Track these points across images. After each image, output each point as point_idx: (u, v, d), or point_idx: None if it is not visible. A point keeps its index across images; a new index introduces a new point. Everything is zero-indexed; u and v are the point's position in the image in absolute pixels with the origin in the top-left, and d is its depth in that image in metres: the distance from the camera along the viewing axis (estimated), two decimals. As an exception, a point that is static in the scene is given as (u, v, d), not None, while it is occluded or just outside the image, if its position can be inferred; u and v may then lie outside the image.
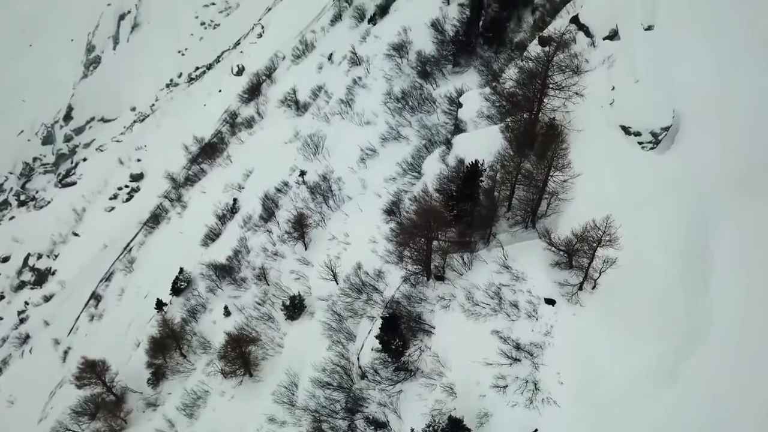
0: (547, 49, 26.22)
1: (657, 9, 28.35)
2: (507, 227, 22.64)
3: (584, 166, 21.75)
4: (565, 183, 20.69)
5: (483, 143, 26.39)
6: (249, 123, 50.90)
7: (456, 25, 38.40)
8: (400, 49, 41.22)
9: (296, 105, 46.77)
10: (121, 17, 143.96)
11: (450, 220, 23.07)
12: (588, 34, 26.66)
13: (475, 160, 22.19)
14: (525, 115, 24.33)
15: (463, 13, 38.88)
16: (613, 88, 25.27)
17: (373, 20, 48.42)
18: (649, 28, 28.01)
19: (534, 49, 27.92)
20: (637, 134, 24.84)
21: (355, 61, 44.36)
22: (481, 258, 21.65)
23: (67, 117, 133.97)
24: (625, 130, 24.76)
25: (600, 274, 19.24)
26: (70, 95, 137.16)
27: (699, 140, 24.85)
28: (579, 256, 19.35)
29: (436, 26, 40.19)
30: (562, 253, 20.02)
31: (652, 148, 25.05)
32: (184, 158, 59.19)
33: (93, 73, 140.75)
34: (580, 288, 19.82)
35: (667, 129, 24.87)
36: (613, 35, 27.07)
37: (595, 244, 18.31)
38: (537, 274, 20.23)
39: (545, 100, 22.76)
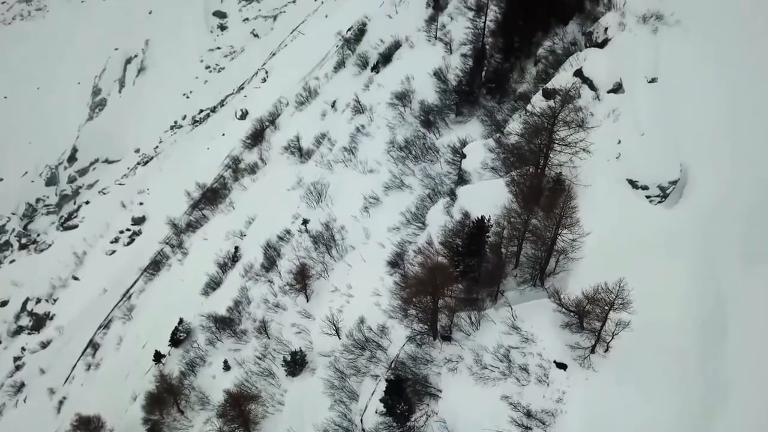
0: (551, 102, 26.22)
1: (659, 61, 28.47)
2: (515, 285, 22.07)
3: (593, 223, 21.31)
4: (574, 242, 20.21)
5: (488, 196, 26.03)
6: (252, 169, 50.91)
7: (459, 75, 38.65)
8: (402, 97, 41.38)
9: (299, 152, 46.79)
10: (128, 61, 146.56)
11: (456, 276, 22.55)
12: (592, 87, 26.66)
13: (482, 216, 21.80)
14: (530, 169, 24.09)
15: (466, 63, 39.21)
16: (619, 141, 25.09)
17: (376, 68, 48.90)
18: (653, 80, 28.09)
19: (538, 101, 27.92)
20: (645, 188, 24.53)
21: (359, 109, 44.57)
22: (489, 318, 21.00)
23: (72, 158, 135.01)
24: (633, 184, 24.48)
25: (612, 337, 18.58)
26: (75, 137, 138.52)
27: (708, 194, 24.53)
28: (590, 318, 18.72)
29: (439, 75, 40.43)
30: (572, 314, 19.39)
31: (660, 202, 24.72)
32: (186, 203, 59.11)
33: (98, 115, 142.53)
34: (593, 351, 19.12)
35: (674, 183, 24.58)
36: (617, 88, 27.08)
37: (607, 308, 17.71)
38: (547, 335, 19.55)
39: (551, 155, 22.52)
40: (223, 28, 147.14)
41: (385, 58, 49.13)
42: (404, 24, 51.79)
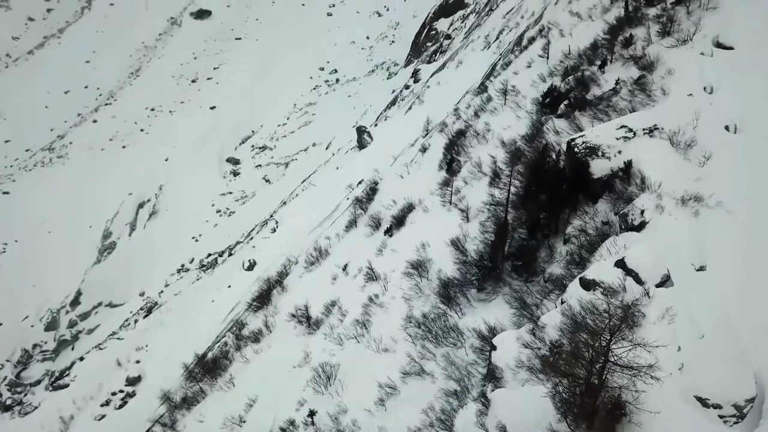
0: (595, 297, 23.34)
1: (706, 247, 25.94)
2: None
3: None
4: None
5: (528, 408, 22.13)
6: (256, 337, 47.29)
7: (479, 247, 36.42)
8: (419, 267, 38.97)
9: (307, 321, 43.53)
10: (141, 205, 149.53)
11: None
12: (638, 280, 23.76)
13: (530, 457, 17.87)
14: (580, 384, 20.45)
15: (485, 234, 37.20)
16: (679, 348, 21.70)
17: (389, 231, 47.20)
18: (701, 268, 25.36)
19: (576, 291, 25.01)
20: (717, 407, 20.64)
21: (372, 276, 42.05)
22: None
23: (75, 302, 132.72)
24: (703, 402, 20.56)
25: None
26: (81, 280, 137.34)
27: (792, 413, 20.61)
28: None
29: (457, 245, 38.26)
30: None
31: (736, 423, 20.70)
32: (183, 370, 54.91)
33: (106, 258, 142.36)
34: None
35: (751, 401, 20.78)
36: (665, 281, 24.18)
37: None
38: None
39: (606, 376, 19.05)
40: (235, 174, 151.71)
41: (398, 221, 47.64)
42: (416, 185, 51.12)
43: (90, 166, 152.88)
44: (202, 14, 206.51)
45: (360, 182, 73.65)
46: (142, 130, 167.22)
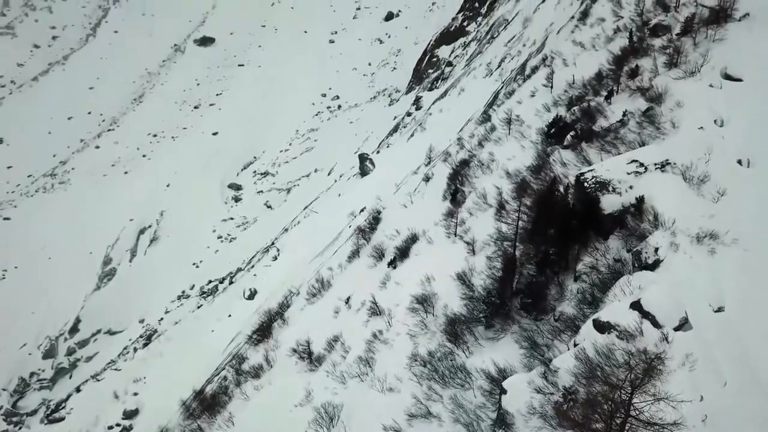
0: (612, 341, 22.41)
1: (723, 287, 24.99)
2: None
3: None
4: None
5: (543, 461, 21.12)
6: (256, 372, 46.00)
7: (486, 282, 35.41)
8: (424, 301, 37.92)
9: (309, 357, 42.28)
10: (141, 231, 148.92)
11: None
12: (655, 323, 22.83)
13: None
14: (598, 437, 19.37)
15: (492, 268, 36.25)
16: (702, 398, 20.69)
17: (393, 263, 46.25)
18: (720, 309, 24.41)
19: (589, 333, 24.05)
20: (745, 461, 19.60)
21: (375, 311, 40.98)
22: None
23: (74, 329, 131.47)
24: (729, 457, 19.61)
25: None
26: (80, 307, 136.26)
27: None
28: None
29: (463, 279, 37.29)
30: None
31: (765, 479, 19.61)
32: (181, 406, 53.47)
33: (106, 285, 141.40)
34: None
35: (781, 453, 19.66)
36: (683, 323, 23.24)
37: None
38: None
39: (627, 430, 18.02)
40: (237, 199, 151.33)
41: (402, 252, 46.71)
42: (420, 216, 50.31)
43: (91, 192, 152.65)
44: (205, 41, 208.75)
45: (362, 210, 72.96)
46: (144, 156, 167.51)
